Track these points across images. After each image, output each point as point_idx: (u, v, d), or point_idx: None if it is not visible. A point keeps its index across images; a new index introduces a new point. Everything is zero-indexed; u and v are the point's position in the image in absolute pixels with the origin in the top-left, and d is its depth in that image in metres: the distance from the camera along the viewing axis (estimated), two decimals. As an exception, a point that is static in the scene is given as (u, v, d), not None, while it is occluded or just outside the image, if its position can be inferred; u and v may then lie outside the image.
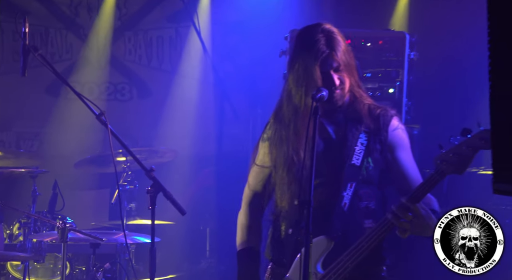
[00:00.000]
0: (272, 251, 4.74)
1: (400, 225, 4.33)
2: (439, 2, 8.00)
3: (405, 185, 4.61)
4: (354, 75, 4.59)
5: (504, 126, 2.90)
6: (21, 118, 8.61)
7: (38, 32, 8.68)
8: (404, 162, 4.64)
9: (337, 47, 4.51)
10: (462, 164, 4.29)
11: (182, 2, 8.54)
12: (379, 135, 4.59)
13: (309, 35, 4.59)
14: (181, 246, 7.70)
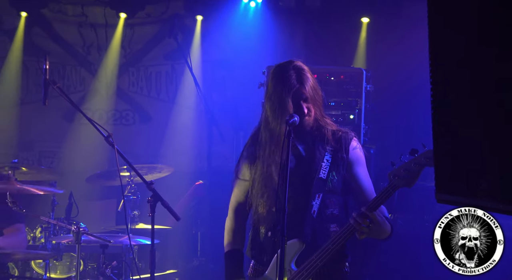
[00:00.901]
0: (252, 250, 4.74)
1: (360, 229, 4.32)
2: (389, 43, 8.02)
3: (360, 196, 4.62)
4: (319, 106, 4.61)
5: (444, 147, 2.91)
6: (42, 140, 8.58)
7: (56, 68, 8.65)
8: (360, 176, 4.66)
9: (306, 82, 4.54)
10: (411, 179, 4.34)
11: (177, 43, 8.51)
12: (341, 153, 4.60)
13: (282, 71, 4.62)
14: (177, 247, 7.67)
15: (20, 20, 8.59)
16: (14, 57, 8.72)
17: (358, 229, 4.33)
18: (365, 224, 4.32)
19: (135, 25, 8.75)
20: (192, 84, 8.62)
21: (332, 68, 7.11)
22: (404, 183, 4.33)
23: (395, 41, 7.90)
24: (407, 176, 4.31)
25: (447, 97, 2.88)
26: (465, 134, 2.83)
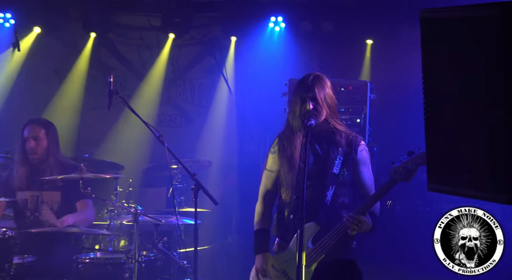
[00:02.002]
0: (278, 229, 4.77)
1: (351, 227, 4.41)
2: (389, 60, 8.02)
3: (362, 190, 4.68)
4: (333, 110, 4.63)
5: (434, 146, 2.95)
6: (106, 138, 8.62)
7: (119, 81, 8.66)
8: (364, 174, 4.69)
9: (319, 85, 4.58)
10: (409, 175, 4.36)
11: (215, 60, 8.56)
12: (351, 153, 4.62)
13: (303, 78, 4.66)
14: (214, 226, 7.70)
15: (89, 40, 8.67)
16: (80, 70, 8.75)
17: (349, 226, 4.41)
18: (354, 224, 4.39)
19: (182, 46, 8.77)
20: (226, 93, 8.68)
21: (342, 81, 7.13)
22: (402, 179, 4.35)
23: (394, 59, 7.90)
24: (405, 173, 4.33)
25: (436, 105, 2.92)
26: (451, 135, 2.87)
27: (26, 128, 6.46)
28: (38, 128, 6.43)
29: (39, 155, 6.37)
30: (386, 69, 8.00)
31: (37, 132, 6.41)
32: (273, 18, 8.35)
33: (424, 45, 2.96)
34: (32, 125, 6.46)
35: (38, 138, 6.40)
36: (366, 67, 8.27)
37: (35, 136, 6.39)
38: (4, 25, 8.40)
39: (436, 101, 2.93)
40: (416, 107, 3.70)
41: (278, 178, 4.77)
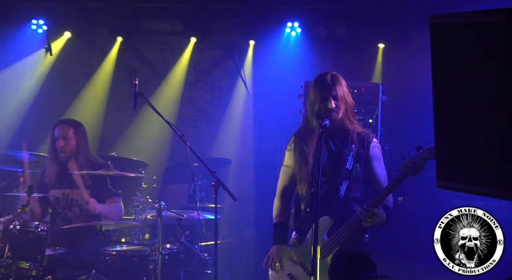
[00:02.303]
0: (295, 222, 4.80)
1: (365, 220, 4.41)
2: (399, 63, 8.01)
3: (375, 184, 4.68)
4: (349, 108, 4.65)
5: (442, 145, 2.96)
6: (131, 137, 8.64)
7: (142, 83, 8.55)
8: (377, 169, 4.70)
9: (337, 83, 4.59)
10: (418, 169, 4.36)
11: (234, 64, 8.58)
12: (363, 150, 4.64)
13: (321, 77, 4.68)
14: (234, 220, 7.72)
15: (115, 44, 8.72)
16: (105, 72, 8.80)
17: (362, 219, 4.42)
18: (367, 217, 4.40)
19: (203, 50, 8.78)
20: (244, 95, 8.69)
21: (355, 83, 7.11)
22: (411, 173, 4.35)
23: (405, 62, 7.89)
24: (414, 167, 4.33)
25: (445, 106, 2.93)
26: (459, 135, 2.88)
27: (56, 128, 6.52)
28: (67, 128, 6.50)
29: (68, 153, 6.43)
30: (397, 72, 8.00)
31: (66, 131, 6.48)
32: (289, 23, 8.36)
33: (433, 49, 2.97)
34: (61, 125, 6.53)
35: (67, 137, 6.46)
36: (378, 70, 8.26)
37: (64, 136, 6.46)
38: (37, 31, 8.50)
39: (444, 102, 2.94)
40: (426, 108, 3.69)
41: (295, 174, 4.80)
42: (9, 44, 8.49)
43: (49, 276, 5.76)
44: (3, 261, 5.69)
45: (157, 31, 8.67)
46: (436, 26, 2.95)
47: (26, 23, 8.48)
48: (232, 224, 7.76)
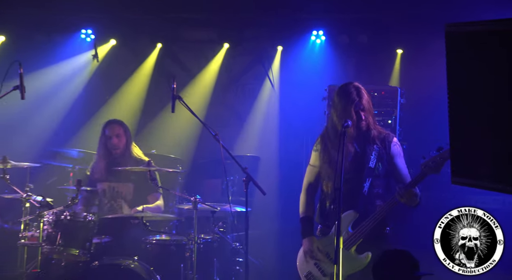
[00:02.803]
0: (320, 217, 4.84)
1: (400, 198, 4.44)
2: (416, 67, 7.96)
3: (399, 178, 4.71)
4: (372, 115, 4.68)
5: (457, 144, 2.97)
6: (169, 136, 8.67)
7: (180, 86, 8.62)
8: (399, 165, 4.73)
9: (363, 97, 4.61)
10: (438, 168, 4.37)
11: (264, 68, 8.59)
12: (385, 149, 4.66)
13: (345, 89, 4.70)
14: (263, 213, 7.70)
15: (154, 50, 8.77)
16: (144, 76, 8.82)
17: (399, 198, 4.44)
18: (405, 195, 4.42)
19: (235, 55, 8.78)
20: (273, 97, 8.69)
21: (375, 87, 7.14)
22: (432, 171, 4.37)
23: (422, 67, 7.83)
24: (434, 166, 4.35)
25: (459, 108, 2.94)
26: (472, 134, 2.88)
27: (107, 127, 6.64)
28: (118, 127, 6.63)
29: (120, 150, 6.58)
30: (415, 76, 7.94)
31: (118, 130, 6.61)
32: (314, 32, 8.36)
33: (448, 55, 2.97)
34: (112, 125, 6.65)
35: (119, 136, 6.60)
36: (396, 74, 8.22)
37: (117, 134, 6.59)
38: (86, 39, 8.62)
39: (459, 104, 2.94)
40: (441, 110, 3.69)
41: (320, 172, 4.83)
42: (61, 51, 8.60)
43: (96, 262, 5.84)
44: (56, 248, 5.79)
45: (194, 38, 8.69)
46: (451, 34, 2.96)
47: (76, 33, 8.59)
48: (261, 216, 7.73)
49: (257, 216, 7.56)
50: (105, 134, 6.63)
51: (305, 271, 4.80)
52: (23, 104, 5.93)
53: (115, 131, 6.61)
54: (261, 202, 7.39)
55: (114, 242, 6.16)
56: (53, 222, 5.83)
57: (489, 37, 2.79)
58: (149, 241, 6.20)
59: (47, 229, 5.83)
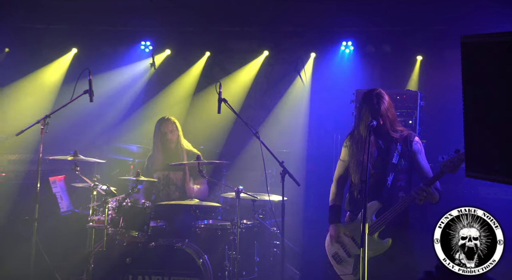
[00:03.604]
0: (349, 205, 4.83)
1: (418, 198, 4.40)
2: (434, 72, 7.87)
3: (421, 174, 4.65)
4: (392, 119, 4.63)
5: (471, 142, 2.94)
6: (214, 134, 8.68)
7: (225, 91, 8.62)
8: (421, 162, 4.69)
9: (382, 104, 4.59)
10: (455, 168, 4.33)
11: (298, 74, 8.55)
12: (407, 147, 4.63)
13: (368, 95, 4.68)
14: (297, 202, 7.64)
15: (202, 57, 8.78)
16: (192, 80, 8.84)
17: (417, 197, 4.40)
18: (422, 195, 4.38)
19: (274, 63, 8.77)
20: (306, 100, 8.64)
21: (398, 91, 7.08)
22: (449, 171, 4.33)
23: (440, 72, 7.75)
24: (452, 166, 4.31)
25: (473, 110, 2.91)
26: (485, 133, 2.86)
27: (162, 124, 6.71)
28: (171, 124, 6.71)
29: (174, 143, 6.66)
30: (433, 80, 7.84)
31: (171, 126, 6.69)
32: (344, 43, 8.32)
33: (463, 63, 2.95)
34: (167, 122, 6.73)
35: (173, 131, 6.68)
36: (416, 78, 8.12)
37: (171, 130, 6.68)
38: (145, 50, 8.71)
39: (472, 107, 2.93)
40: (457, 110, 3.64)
41: (349, 166, 4.81)
42: (123, 60, 8.71)
43: (153, 242, 5.91)
44: (119, 230, 5.88)
45: (238, 49, 8.71)
46: (466, 44, 2.94)
47: (137, 44, 8.70)
48: (296, 205, 7.68)
49: (292, 204, 7.52)
50: (160, 130, 6.71)
51: (332, 252, 4.82)
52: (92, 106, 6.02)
53: (170, 127, 6.70)
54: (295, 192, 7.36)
55: (168, 225, 6.24)
56: (116, 208, 5.92)
57: (500, 47, 2.77)
58: (198, 225, 6.25)
59: (111, 214, 5.91)
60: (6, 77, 8.64)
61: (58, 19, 8.24)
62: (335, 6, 7.21)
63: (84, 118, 8.34)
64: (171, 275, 5.75)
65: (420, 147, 4.70)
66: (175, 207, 6.32)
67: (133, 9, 7.34)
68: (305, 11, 7.49)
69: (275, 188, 6.51)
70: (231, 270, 5.97)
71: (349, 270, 4.66)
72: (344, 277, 4.69)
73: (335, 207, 4.86)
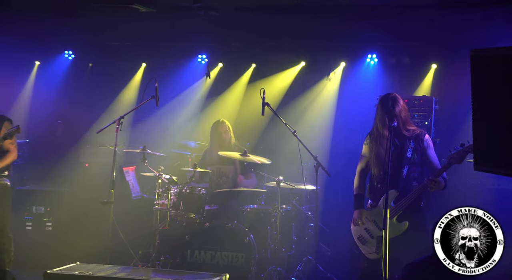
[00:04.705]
0: (369, 194, 4.79)
1: (429, 186, 4.36)
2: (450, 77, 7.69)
3: (430, 166, 4.60)
4: (406, 119, 4.57)
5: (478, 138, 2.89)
6: (258, 133, 8.59)
7: (268, 97, 8.51)
8: (431, 156, 4.65)
9: (396, 106, 4.53)
10: (461, 159, 4.30)
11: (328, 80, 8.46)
12: (418, 144, 4.56)
13: (385, 99, 4.63)
14: (328, 190, 7.56)
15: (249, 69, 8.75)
16: (241, 88, 8.78)
17: (428, 186, 4.35)
18: (432, 184, 4.34)
19: (308, 72, 8.64)
20: (335, 103, 8.49)
21: (415, 97, 7.00)
22: (456, 162, 4.28)
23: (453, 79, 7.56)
24: (458, 158, 4.27)
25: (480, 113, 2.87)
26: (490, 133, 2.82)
27: (218, 126, 6.78)
28: (225, 126, 6.77)
29: (227, 142, 6.72)
30: (447, 86, 7.65)
31: (225, 128, 6.76)
32: (369, 55, 8.23)
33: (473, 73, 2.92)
34: (221, 124, 6.80)
35: (227, 132, 6.75)
36: (429, 84, 7.94)
37: (225, 131, 6.74)
38: (201, 62, 8.77)
39: (480, 111, 2.90)
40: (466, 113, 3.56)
41: (369, 160, 4.78)
42: (184, 71, 8.80)
43: (207, 223, 5.98)
44: (179, 213, 5.97)
45: (279, 60, 8.67)
46: (475, 57, 2.91)
47: (195, 57, 8.77)
48: (328, 192, 7.62)
49: (323, 192, 7.50)
50: (216, 131, 6.77)
51: (357, 234, 4.79)
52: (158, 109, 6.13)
53: (224, 128, 6.76)
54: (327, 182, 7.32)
55: (220, 209, 6.30)
56: (177, 193, 6.01)
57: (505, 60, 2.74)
58: (245, 209, 6.28)
59: (173, 198, 6.01)
60: (92, 85, 8.84)
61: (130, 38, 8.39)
62: (362, 24, 7.14)
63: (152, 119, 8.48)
64: (222, 250, 5.81)
65: (430, 144, 4.63)
66: (226, 193, 6.38)
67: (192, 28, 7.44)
68: (337, 28, 7.45)
69: (309, 178, 6.52)
70: (272, 247, 5.99)
71: (372, 250, 4.62)
72: (369, 255, 4.67)
73: (358, 195, 4.83)
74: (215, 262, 5.75)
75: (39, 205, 7.22)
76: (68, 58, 8.96)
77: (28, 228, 7.19)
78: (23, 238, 6.88)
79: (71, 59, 8.96)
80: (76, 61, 8.96)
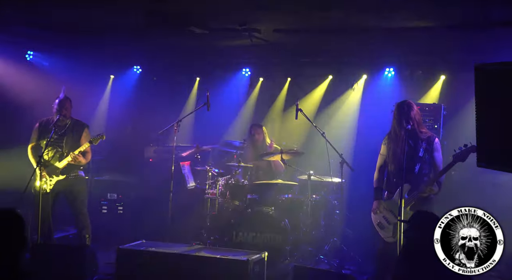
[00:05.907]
0: (387, 187, 4.73)
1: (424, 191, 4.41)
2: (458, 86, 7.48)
3: (434, 167, 4.54)
4: (419, 123, 4.52)
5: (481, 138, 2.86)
6: (292, 134, 8.44)
7: (301, 104, 8.38)
8: (436, 158, 4.61)
9: (411, 111, 4.49)
10: (464, 158, 4.21)
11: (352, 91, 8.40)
12: (429, 145, 4.51)
13: (401, 105, 4.60)
14: (352, 183, 7.41)
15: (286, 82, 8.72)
16: (282, 98, 8.80)
17: (422, 192, 4.39)
18: (427, 190, 4.36)
19: (335, 84, 8.53)
20: (358, 110, 8.41)
21: (427, 104, 6.89)
22: (460, 160, 4.22)
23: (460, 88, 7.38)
24: (461, 156, 4.20)
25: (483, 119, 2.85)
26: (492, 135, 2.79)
27: (253, 128, 6.85)
28: (259, 128, 6.83)
29: (260, 142, 6.77)
30: (454, 94, 7.50)
31: (259, 130, 6.82)
32: (387, 69, 8.12)
33: (476, 85, 2.89)
34: (256, 126, 6.87)
35: (260, 133, 6.81)
36: (438, 93, 7.76)
37: (259, 132, 6.80)
38: (245, 75, 8.78)
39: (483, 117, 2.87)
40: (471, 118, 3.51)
41: (386, 158, 4.73)
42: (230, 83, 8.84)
43: (249, 209, 6.05)
44: (226, 200, 6.07)
45: (311, 74, 8.63)
46: (479, 71, 2.89)
47: (239, 71, 8.80)
48: (352, 185, 7.50)
49: (348, 185, 7.39)
50: (251, 132, 6.84)
51: (377, 221, 4.76)
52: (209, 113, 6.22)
53: (256, 131, 6.81)
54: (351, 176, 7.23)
55: (259, 198, 6.35)
56: (224, 184, 6.12)
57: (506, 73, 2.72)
58: (281, 198, 6.32)
59: (221, 188, 6.12)
60: (156, 95, 8.90)
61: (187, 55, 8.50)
62: (383, 44, 7.06)
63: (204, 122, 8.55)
64: (262, 232, 5.87)
65: (438, 147, 4.57)
66: (264, 184, 6.43)
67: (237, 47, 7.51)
68: (359, 45, 7.38)
69: (335, 173, 6.50)
70: (304, 230, 6.03)
71: (389, 234, 4.60)
72: (386, 239, 4.65)
73: (378, 188, 4.81)
74: (256, 242, 5.79)
75: (112, 192, 7.50)
76: (137, 72, 9.19)
77: (104, 211, 7.47)
78: (100, 219, 7.14)
79: (138, 73, 9.19)
80: (143, 75, 9.17)
